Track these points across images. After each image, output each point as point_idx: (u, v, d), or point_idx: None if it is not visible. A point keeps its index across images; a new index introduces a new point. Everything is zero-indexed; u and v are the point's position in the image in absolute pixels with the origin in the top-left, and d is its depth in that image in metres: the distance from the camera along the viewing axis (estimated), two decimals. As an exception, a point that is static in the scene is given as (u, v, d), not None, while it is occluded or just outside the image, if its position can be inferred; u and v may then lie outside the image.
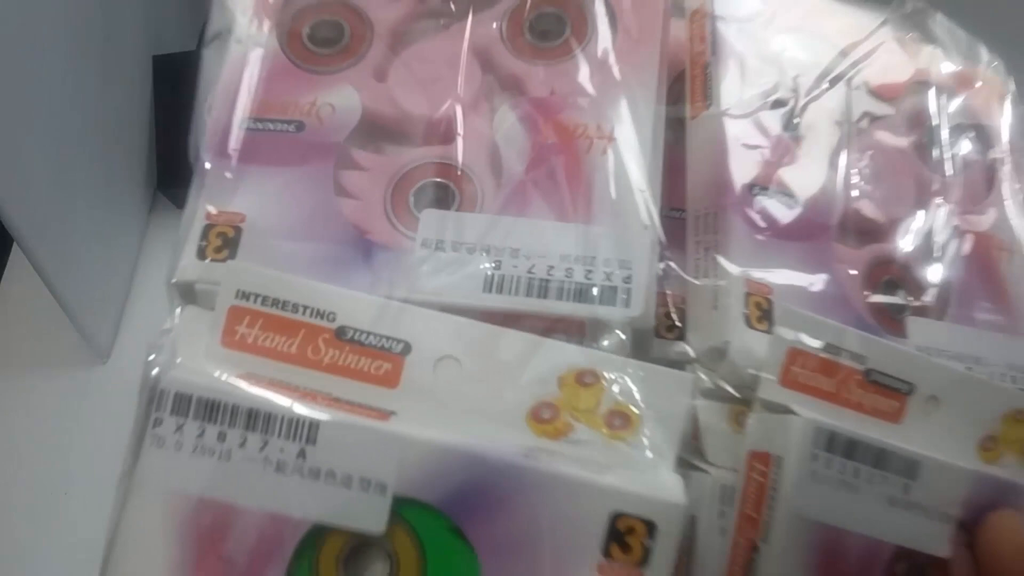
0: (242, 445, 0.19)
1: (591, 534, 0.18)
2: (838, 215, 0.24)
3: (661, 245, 0.22)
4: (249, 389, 0.19)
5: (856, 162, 0.25)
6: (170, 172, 0.39)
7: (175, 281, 0.22)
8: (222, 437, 0.19)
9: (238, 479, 0.19)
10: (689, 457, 0.21)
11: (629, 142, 0.22)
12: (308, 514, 0.19)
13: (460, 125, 0.23)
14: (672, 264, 0.23)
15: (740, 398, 0.21)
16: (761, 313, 0.21)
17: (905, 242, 0.24)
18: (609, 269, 0.21)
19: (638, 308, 0.21)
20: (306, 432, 0.19)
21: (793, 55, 0.25)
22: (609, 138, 0.23)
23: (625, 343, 0.21)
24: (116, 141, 0.38)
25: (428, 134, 0.24)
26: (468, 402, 0.20)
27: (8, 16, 0.27)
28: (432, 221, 0.22)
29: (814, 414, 0.20)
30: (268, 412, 0.19)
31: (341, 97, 0.24)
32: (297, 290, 0.20)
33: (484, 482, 0.19)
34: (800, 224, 0.23)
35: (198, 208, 0.22)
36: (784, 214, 0.23)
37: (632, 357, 0.20)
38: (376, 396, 0.20)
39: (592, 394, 0.20)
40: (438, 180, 0.23)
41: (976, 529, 0.20)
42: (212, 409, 0.19)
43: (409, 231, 0.22)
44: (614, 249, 0.21)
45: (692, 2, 0.26)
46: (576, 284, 0.21)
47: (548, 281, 0.21)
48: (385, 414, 0.19)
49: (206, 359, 0.20)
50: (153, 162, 0.41)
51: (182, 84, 0.39)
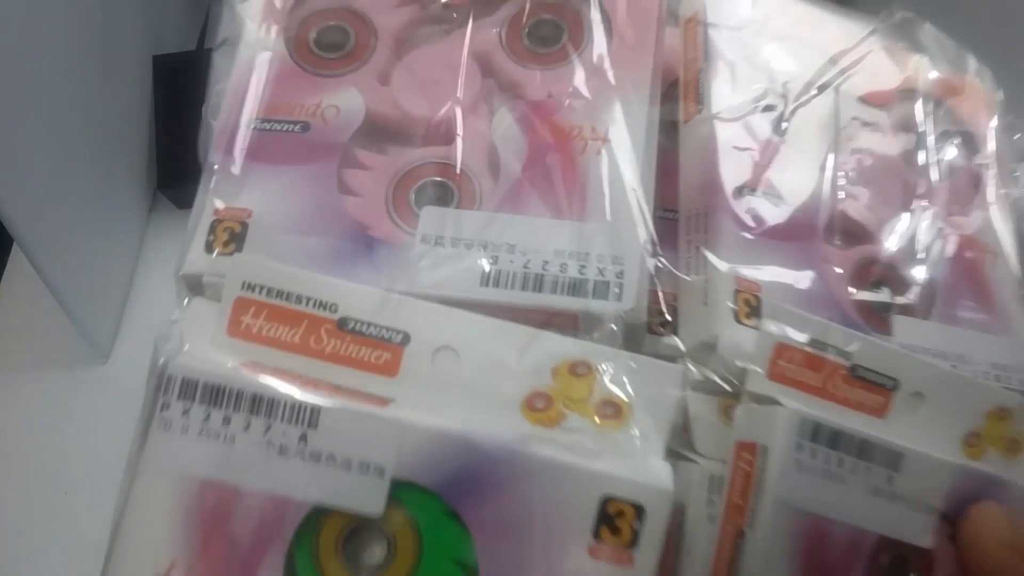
0: (246, 429, 0.20)
1: (582, 517, 0.20)
2: (826, 216, 0.25)
3: (653, 243, 0.23)
4: (253, 376, 0.20)
5: (843, 165, 0.26)
6: (170, 172, 0.40)
7: (183, 273, 0.23)
8: (227, 421, 0.20)
9: (242, 462, 0.20)
10: (679, 448, 0.22)
11: (622, 143, 0.24)
12: (309, 496, 0.20)
13: (460, 126, 0.25)
14: (665, 262, 0.24)
15: (729, 391, 0.22)
16: (750, 309, 0.23)
17: (891, 244, 0.26)
18: (602, 265, 0.23)
19: (630, 302, 0.22)
20: (308, 417, 0.20)
21: (783, 62, 0.27)
22: (603, 139, 0.24)
23: (617, 336, 0.22)
24: (116, 141, 0.38)
25: (429, 135, 0.25)
26: (465, 391, 0.21)
27: (8, 16, 0.28)
28: (432, 218, 0.24)
29: (799, 405, 0.21)
30: (272, 397, 0.20)
31: (345, 99, 0.26)
32: (301, 282, 0.22)
33: (479, 467, 0.20)
34: (788, 224, 0.25)
35: (206, 204, 0.24)
36: (773, 214, 0.24)
37: (624, 351, 0.22)
38: (376, 384, 0.21)
39: (585, 384, 0.21)
40: (438, 179, 0.24)
41: (959, 522, 0.21)
42: (218, 394, 0.20)
43: (409, 227, 0.24)
44: (607, 246, 0.23)
45: (686, 10, 0.28)
46: (570, 279, 0.23)
47: (543, 276, 0.23)
48: (384, 401, 0.21)
49: (212, 347, 0.21)
50: (153, 162, 0.41)
51: (182, 84, 0.41)
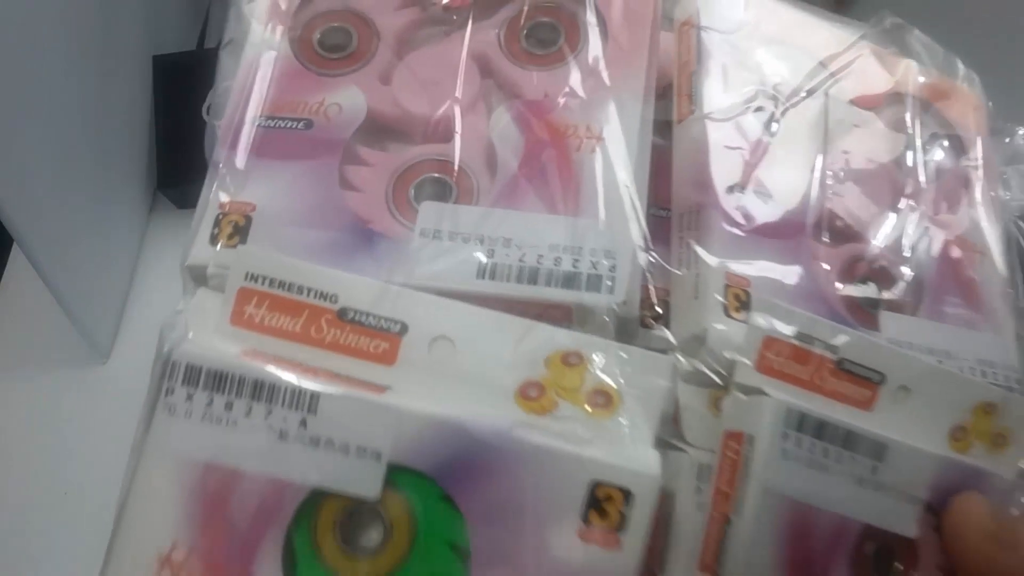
0: (248, 414, 0.21)
1: (572, 501, 0.21)
2: (815, 215, 0.27)
3: (646, 238, 0.25)
4: (255, 363, 0.22)
5: (832, 165, 0.28)
6: (170, 172, 0.41)
7: (188, 265, 0.25)
8: (229, 406, 0.21)
9: (243, 446, 0.21)
10: (670, 438, 0.23)
11: (616, 142, 0.26)
12: (308, 479, 0.21)
13: (458, 125, 0.27)
14: (657, 257, 0.25)
15: (719, 384, 0.24)
16: (740, 304, 0.25)
17: (880, 242, 0.27)
18: (595, 259, 0.24)
19: (621, 295, 0.24)
20: (308, 403, 0.21)
21: (774, 65, 0.28)
22: (598, 138, 0.26)
23: (609, 327, 0.24)
24: (116, 141, 0.39)
25: (428, 133, 0.27)
26: (460, 380, 0.23)
27: (8, 16, 0.29)
28: (430, 212, 0.25)
29: (786, 396, 0.22)
30: (273, 384, 0.21)
31: (348, 98, 0.27)
32: (302, 273, 0.23)
33: (473, 452, 0.21)
34: (777, 222, 0.26)
35: (212, 197, 0.25)
36: (762, 212, 0.26)
37: (616, 342, 0.23)
38: (374, 373, 0.23)
39: (576, 373, 0.23)
40: (437, 175, 0.26)
41: (942, 512, 0.23)
42: (220, 380, 0.21)
43: (409, 222, 0.25)
44: (600, 240, 0.24)
45: (681, 14, 0.30)
46: (564, 272, 0.24)
47: (537, 269, 0.24)
48: (381, 388, 0.22)
49: (216, 336, 0.23)
50: (153, 162, 0.42)
51: (182, 84, 0.42)
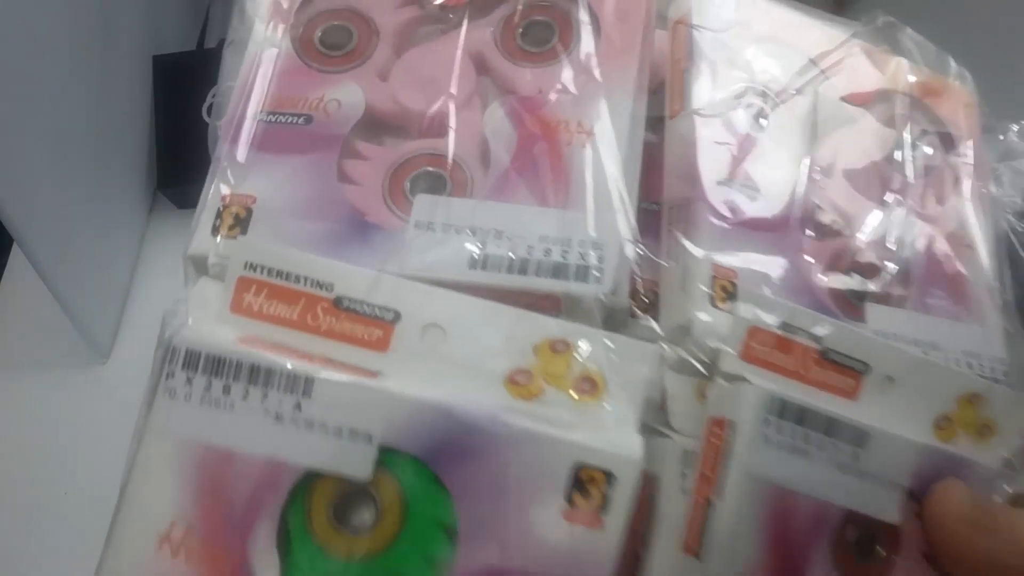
0: (245, 398, 0.23)
1: (556, 482, 0.23)
2: (802, 209, 0.28)
3: (634, 230, 0.27)
4: (253, 349, 0.23)
5: (821, 161, 0.29)
6: (170, 172, 0.43)
7: (190, 254, 0.27)
8: (227, 390, 0.23)
9: (240, 428, 0.23)
10: (656, 424, 0.25)
11: (607, 137, 0.28)
12: (302, 461, 0.23)
13: (453, 120, 0.29)
14: (645, 249, 0.27)
15: (705, 373, 0.25)
16: (726, 294, 0.26)
17: (866, 236, 0.29)
18: (583, 250, 0.26)
19: (609, 285, 0.26)
20: (302, 387, 0.23)
21: (765, 62, 0.30)
22: (588, 133, 0.28)
23: (596, 317, 0.25)
24: (116, 141, 0.41)
25: (424, 128, 0.29)
26: (451, 366, 0.24)
27: (8, 16, 0.30)
28: (424, 205, 0.27)
29: (770, 385, 0.24)
30: (268, 368, 0.23)
31: (347, 94, 0.29)
32: (299, 263, 0.25)
33: (462, 436, 0.23)
34: (764, 215, 0.28)
35: (214, 190, 0.27)
36: (750, 206, 0.28)
37: (602, 330, 0.25)
38: (367, 359, 0.24)
39: (563, 361, 0.25)
40: (431, 169, 0.28)
41: (923, 499, 0.24)
42: (219, 365, 0.23)
43: (404, 214, 0.27)
44: (588, 232, 0.26)
45: (674, 13, 0.32)
46: (553, 263, 0.26)
47: (527, 260, 0.26)
48: (374, 373, 0.24)
49: (216, 323, 0.25)
50: (153, 162, 0.44)
51: (182, 84, 0.44)
